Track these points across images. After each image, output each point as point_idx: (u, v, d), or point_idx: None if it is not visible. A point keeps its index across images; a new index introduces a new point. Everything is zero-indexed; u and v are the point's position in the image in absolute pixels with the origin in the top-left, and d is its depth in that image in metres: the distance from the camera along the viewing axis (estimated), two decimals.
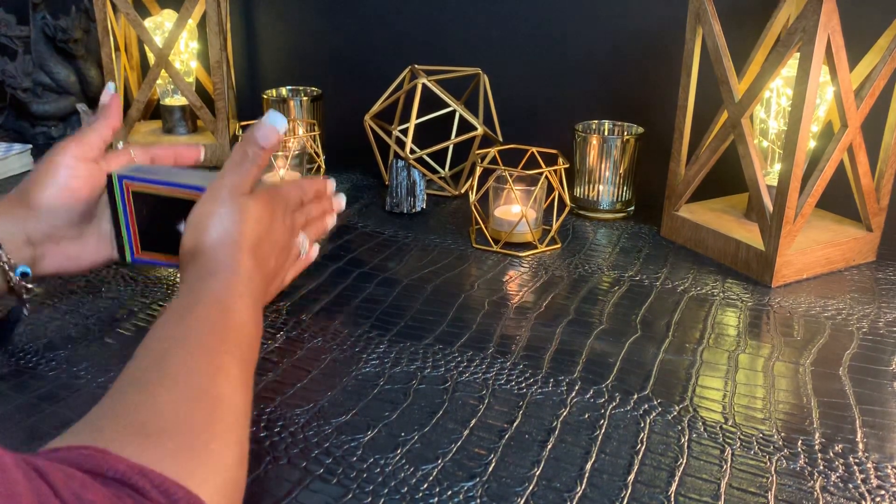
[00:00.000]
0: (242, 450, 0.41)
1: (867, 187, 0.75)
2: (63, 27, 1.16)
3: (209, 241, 0.53)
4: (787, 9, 0.78)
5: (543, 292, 0.72)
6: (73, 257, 0.60)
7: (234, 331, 0.47)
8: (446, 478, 0.47)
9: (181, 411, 0.40)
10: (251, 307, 0.50)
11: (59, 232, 0.58)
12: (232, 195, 0.55)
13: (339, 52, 1.16)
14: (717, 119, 0.78)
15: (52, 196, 0.57)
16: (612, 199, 0.90)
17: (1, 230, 0.55)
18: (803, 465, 0.48)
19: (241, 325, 0.48)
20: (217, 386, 0.42)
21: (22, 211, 0.57)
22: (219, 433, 0.40)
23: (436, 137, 0.96)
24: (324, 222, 0.67)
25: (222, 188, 0.55)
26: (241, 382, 0.44)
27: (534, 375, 0.58)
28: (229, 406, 0.42)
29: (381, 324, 0.65)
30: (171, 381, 0.41)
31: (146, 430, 0.38)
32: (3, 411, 0.53)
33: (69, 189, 0.58)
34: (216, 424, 0.40)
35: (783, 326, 0.66)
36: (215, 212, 0.54)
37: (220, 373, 0.43)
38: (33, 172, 0.59)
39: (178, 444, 0.38)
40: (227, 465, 0.39)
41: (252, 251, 0.53)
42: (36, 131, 1.21)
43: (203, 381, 0.42)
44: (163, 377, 0.42)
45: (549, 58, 1.02)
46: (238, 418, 0.42)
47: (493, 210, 0.83)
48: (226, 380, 0.43)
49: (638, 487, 0.46)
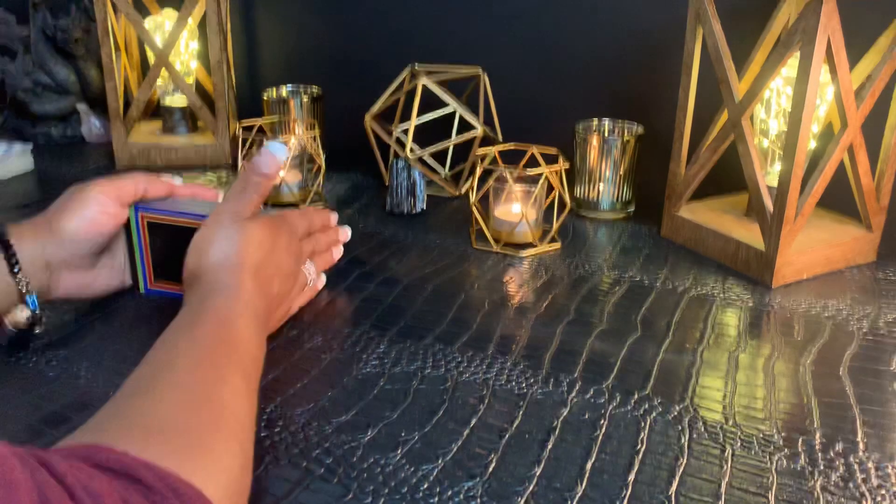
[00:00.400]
0: (246, 456, 0.42)
1: (867, 187, 0.75)
2: (63, 27, 1.16)
3: (210, 263, 0.55)
4: (787, 9, 0.78)
5: (543, 292, 0.72)
6: (84, 285, 0.63)
7: (237, 346, 0.48)
8: (446, 477, 0.47)
9: (185, 415, 0.40)
10: (252, 326, 0.51)
11: (76, 261, 0.61)
12: (233, 219, 0.57)
13: (339, 52, 1.16)
14: (717, 119, 0.78)
15: (77, 226, 0.59)
16: (613, 199, 0.90)
17: (24, 253, 0.57)
18: (804, 465, 0.48)
19: (243, 342, 0.49)
20: (221, 393, 0.43)
21: (46, 235, 0.59)
22: (222, 437, 0.40)
23: (436, 137, 0.96)
24: (330, 253, 0.69)
25: (223, 213, 0.57)
26: (245, 393, 0.45)
27: (534, 375, 0.58)
28: (232, 413, 0.43)
29: (381, 324, 0.65)
30: (175, 388, 0.42)
31: (149, 431, 0.38)
32: (3, 411, 0.53)
33: (96, 223, 0.60)
34: (219, 429, 0.41)
35: (783, 326, 0.66)
36: (216, 235, 0.56)
37: (223, 382, 0.44)
38: (63, 200, 0.61)
39: (182, 444, 0.38)
40: (230, 468, 0.39)
41: (253, 273, 0.55)
42: (36, 131, 1.21)
43: (207, 389, 0.43)
44: (167, 384, 0.42)
45: (549, 58, 1.02)
46: (242, 425, 0.43)
47: (494, 210, 0.83)
48: (230, 389, 0.44)
49: (638, 487, 0.46)
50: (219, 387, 0.43)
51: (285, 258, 0.59)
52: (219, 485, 0.37)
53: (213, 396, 0.42)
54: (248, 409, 0.44)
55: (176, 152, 1.09)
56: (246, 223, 0.57)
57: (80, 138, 1.22)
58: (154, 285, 0.65)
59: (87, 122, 1.20)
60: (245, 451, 0.42)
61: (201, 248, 0.55)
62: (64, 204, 0.60)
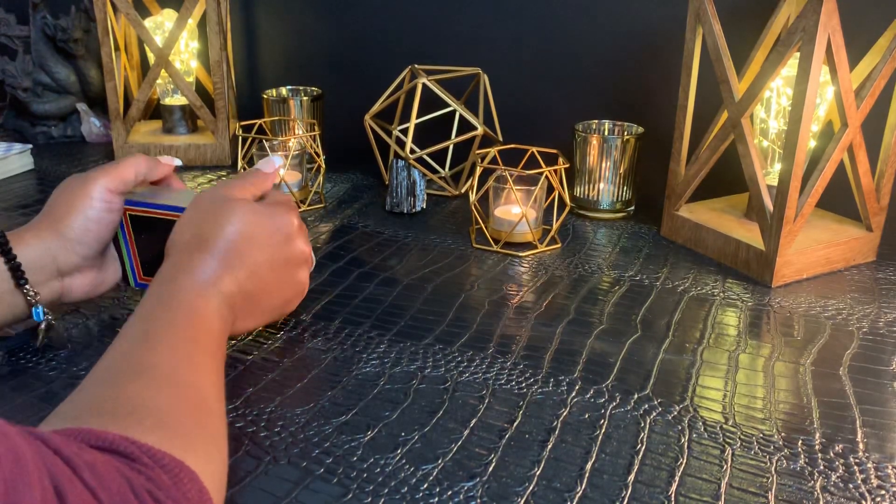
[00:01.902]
0: (225, 442, 0.42)
1: (867, 187, 0.75)
2: (63, 27, 1.16)
3: (182, 241, 0.54)
4: (787, 9, 0.78)
5: (543, 292, 0.72)
6: (98, 283, 0.61)
7: (202, 332, 0.47)
8: (446, 478, 0.47)
9: (171, 402, 0.40)
10: (216, 309, 0.50)
11: (87, 262, 0.58)
12: (213, 200, 0.55)
13: (339, 52, 1.16)
14: (717, 119, 0.78)
15: (84, 227, 0.57)
16: (612, 198, 0.90)
17: (31, 260, 0.55)
18: (803, 465, 0.48)
19: (205, 328, 0.48)
20: (199, 380, 0.43)
21: (53, 241, 0.56)
22: (202, 424, 0.41)
23: (436, 137, 0.96)
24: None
25: (205, 193, 0.56)
26: (219, 382, 0.46)
27: (534, 375, 0.58)
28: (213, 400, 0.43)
29: (381, 324, 0.65)
30: (148, 375, 0.42)
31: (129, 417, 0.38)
32: (3, 411, 0.52)
33: (103, 221, 0.58)
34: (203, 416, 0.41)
35: (783, 326, 0.66)
36: (191, 215, 0.55)
37: (196, 369, 0.44)
38: (63, 197, 0.57)
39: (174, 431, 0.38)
40: (220, 458, 0.40)
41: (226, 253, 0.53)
42: (36, 131, 1.21)
43: (185, 375, 0.43)
44: (138, 370, 0.42)
45: (549, 58, 1.02)
46: (220, 415, 0.43)
47: (493, 210, 0.83)
48: (205, 375, 0.44)
49: (638, 487, 0.46)
50: (196, 373, 0.43)
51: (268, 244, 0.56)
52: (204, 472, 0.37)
53: (193, 382, 0.43)
54: (221, 398, 0.45)
55: (176, 152, 1.09)
56: (232, 202, 0.55)
57: (80, 138, 1.22)
58: (144, 279, 0.63)
59: (87, 122, 1.20)
60: (224, 437, 0.42)
61: (177, 228, 0.54)
62: (66, 202, 0.57)
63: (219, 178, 1.04)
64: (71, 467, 0.29)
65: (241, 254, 0.53)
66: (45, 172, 1.06)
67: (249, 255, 0.54)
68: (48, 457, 0.29)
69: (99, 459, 0.31)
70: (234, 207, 0.54)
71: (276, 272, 0.56)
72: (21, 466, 0.27)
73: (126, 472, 0.32)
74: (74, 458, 0.30)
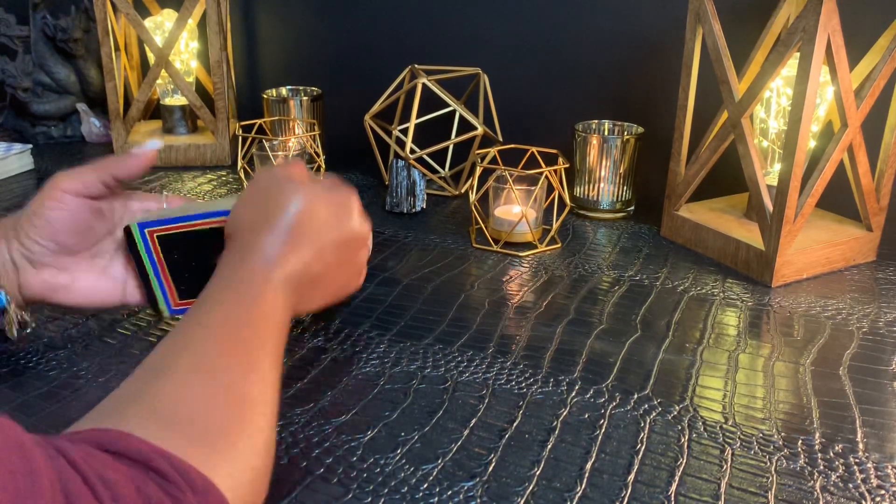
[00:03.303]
0: (269, 454, 0.41)
1: (867, 187, 0.75)
2: (63, 27, 1.16)
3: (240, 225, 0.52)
4: (787, 9, 0.78)
5: (543, 292, 0.72)
6: (59, 288, 0.57)
7: (264, 321, 0.46)
8: (446, 478, 0.47)
9: (210, 405, 0.39)
10: (281, 290, 0.49)
11: (41, 258, 0.56)
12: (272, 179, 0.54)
13: (339, 52, 1.16)
14: (717, 119, 0.78)
15: (31, 223, 0.55)
16: (612, 198, 0.90)
17: None
18: (803, 465, 0.48)
19: (269, 315, 0.47)
20: (248, 384, 0.42)
21: (9, 231, 0.56)
22: (246, 433, 0.39)
23: (436, 137, 0.96)
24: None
25: (261, 175, 0.55)
26: (272, 382, 0.44)
27: (534, 375, 0.58)
28: (259, 405, 0.41)
29: (381, 323, 0.65)
30: (201, 374, 0.41)
31: (173, 421, 0.37)
32: (3, 411, 0.53)
33: (47, 218, 0.55)
34: (244, 423, 0.40)
35: (783, 326, 0.66)
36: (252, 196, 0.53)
37: (251, 371, 0.43)
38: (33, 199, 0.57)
39: (204, 438, 0.37)
40: (253, 467, 0.39)
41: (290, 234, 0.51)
42: (36, 131, 1.21)
43: (234, 378, 0.42)
44: (193, 368, 0.41)
45: (549, 58, 1.02)
46: (267, 420, 0.42)
47: (493, 210, 0.83)
48: (257, 378, 0.43)
49: (638, 487, 0.46)
50: (247, 376, 0.42)
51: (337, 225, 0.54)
52: (238, 482, 0.37)
53: (241, 386, 0.41)
54: (273, 401, 0.43)
55: (176, 152, 1.09)
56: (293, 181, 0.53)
57: (80, 138, 1.22)
58: (180, 304, 0.59)
59: (87, 122, 1.20)
60: (268, 448, 0.41)
61: (237, 208, 0.53)
62: (30, 203, 0.56)
63: (219, 179, 1.04)
64: (88, 486, 0.29)
65: (306, 233, 0.52)
66: (45, 173, 1.06)
67: (314, 234, 0.52)
68: (65, 472, 0.29)
69: (120, 477, 0.31)
70: (297, 186, 0.53)
71: (339, 252, 0.55)
72: (33, 480, 0.27)
73: (148, 489, 0.32)
74: (91, 476, 0.30)
